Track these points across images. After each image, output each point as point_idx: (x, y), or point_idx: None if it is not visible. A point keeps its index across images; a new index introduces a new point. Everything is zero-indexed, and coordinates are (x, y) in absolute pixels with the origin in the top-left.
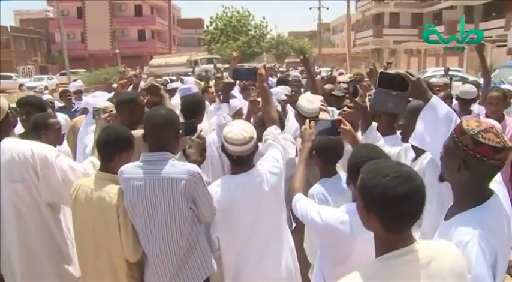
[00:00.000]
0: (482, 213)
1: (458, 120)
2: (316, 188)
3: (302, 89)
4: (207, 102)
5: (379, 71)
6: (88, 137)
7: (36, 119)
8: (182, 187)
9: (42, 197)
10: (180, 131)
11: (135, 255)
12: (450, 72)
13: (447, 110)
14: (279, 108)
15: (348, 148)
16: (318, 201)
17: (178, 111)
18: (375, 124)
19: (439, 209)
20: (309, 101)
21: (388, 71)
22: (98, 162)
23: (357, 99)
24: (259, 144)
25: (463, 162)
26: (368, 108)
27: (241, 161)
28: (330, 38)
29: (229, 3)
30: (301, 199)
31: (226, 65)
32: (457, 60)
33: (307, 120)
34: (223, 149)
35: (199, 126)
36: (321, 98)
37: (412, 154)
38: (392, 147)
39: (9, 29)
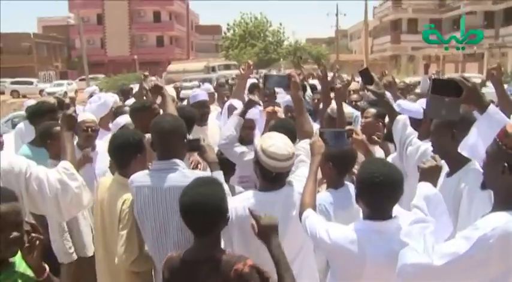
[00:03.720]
0: None
1: None
2: (320, 198)
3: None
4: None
5: (433, 77)
6: None
7: (42, 128)
8: None
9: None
10: (187, 137)
11: (125, 259)
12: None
13: (504, 120)
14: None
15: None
16: (319, 212)
17: None
18: (402, 117)
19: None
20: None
21: (441, 77)
22: (69, 167)
23: (372, 87)
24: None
25: (508, 165)
26: (384, 95)
27: (278, 179)
28: (348, 44)
29: (247, 10)
30: (311, 215)
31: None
32: (477, 67)
33: (318, 131)
34: (258, 162)
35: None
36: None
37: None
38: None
39: (31, 36)
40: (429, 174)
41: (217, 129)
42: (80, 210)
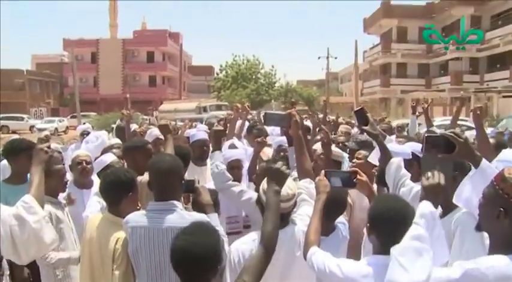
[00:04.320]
0: None
1: None
2: None
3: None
4: None
5: (425, 135)
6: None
7: None
8: None
9: None
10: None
11: None
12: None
13: (495, 171)
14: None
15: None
16: None
17: None
18: (396, 159)
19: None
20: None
21: (433, 134)
22: (29, 200)
23: (367, 127)
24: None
25: (504, 210)
26: (379, 136)
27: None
28: (338, 87)
29: (239, 52)
30: (318, 252)
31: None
32: (464, 110)
33: (323, 171)
34: (260, 202)
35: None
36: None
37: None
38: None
39: (25, 72)
40: (430, 192)
41: None
42: (42, 252)
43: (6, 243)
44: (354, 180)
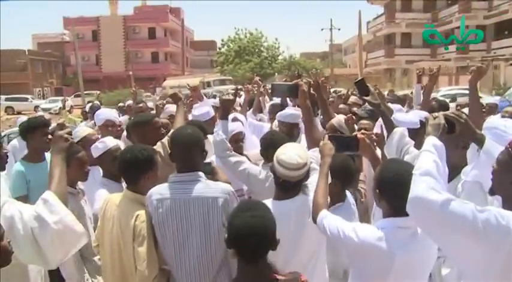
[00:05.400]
0: None
1: None
2: None
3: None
4: None
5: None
6: None
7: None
8: (219, 206)
9: None
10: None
11: (148, 275)
12: (463, 91)
13: (499, 150)
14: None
15: None
16: None
17: None
18: (399, 128)
19: None
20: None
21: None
22: (50, 197)
23: (368, 97)
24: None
25: None
26: (380, 106)
27: (286, 186)
28: (342, 58)
29: (242, 25)
30: (328, 216)
31: (240, 86)
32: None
33: (326, 136)
34: (272, 169)
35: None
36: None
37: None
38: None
39: (26, 53)
40: (435, 129)
41: None
42: (72, 252)
43: (29, 247)
44: (357, 145)
